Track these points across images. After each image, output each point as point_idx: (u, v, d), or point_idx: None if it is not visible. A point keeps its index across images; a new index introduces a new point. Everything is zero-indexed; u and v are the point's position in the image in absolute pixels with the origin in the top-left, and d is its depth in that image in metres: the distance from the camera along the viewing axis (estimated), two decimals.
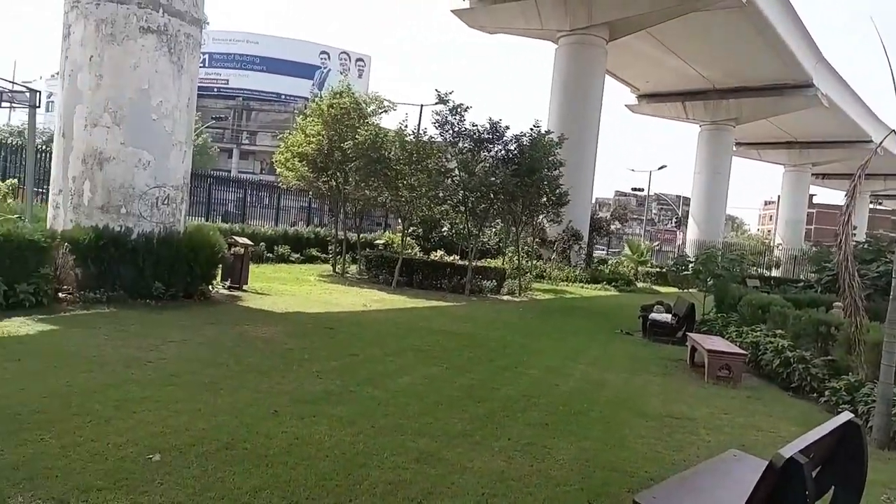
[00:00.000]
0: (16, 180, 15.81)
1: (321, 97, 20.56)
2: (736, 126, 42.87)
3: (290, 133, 20.39)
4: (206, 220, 21.63)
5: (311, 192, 21.13)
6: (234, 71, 62.87)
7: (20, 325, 7.55)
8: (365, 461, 4.43)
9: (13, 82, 12.58)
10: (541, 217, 22.29)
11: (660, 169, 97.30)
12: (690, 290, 15.46)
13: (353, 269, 19.81)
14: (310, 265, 20.74)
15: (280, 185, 21.95)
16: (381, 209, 22.66)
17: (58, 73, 10.98)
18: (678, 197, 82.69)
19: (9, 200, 13.71)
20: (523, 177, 17.16)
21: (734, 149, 47.01)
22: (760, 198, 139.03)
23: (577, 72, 30.15)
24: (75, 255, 9.58)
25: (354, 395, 6.09)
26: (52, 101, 22.71)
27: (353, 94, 19.80)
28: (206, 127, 51.93)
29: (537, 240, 26.91)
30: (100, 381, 5.66)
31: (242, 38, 63.29)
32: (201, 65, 15.71)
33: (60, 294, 9.41)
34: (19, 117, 35.17)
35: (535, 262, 25.95)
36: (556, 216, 21.10)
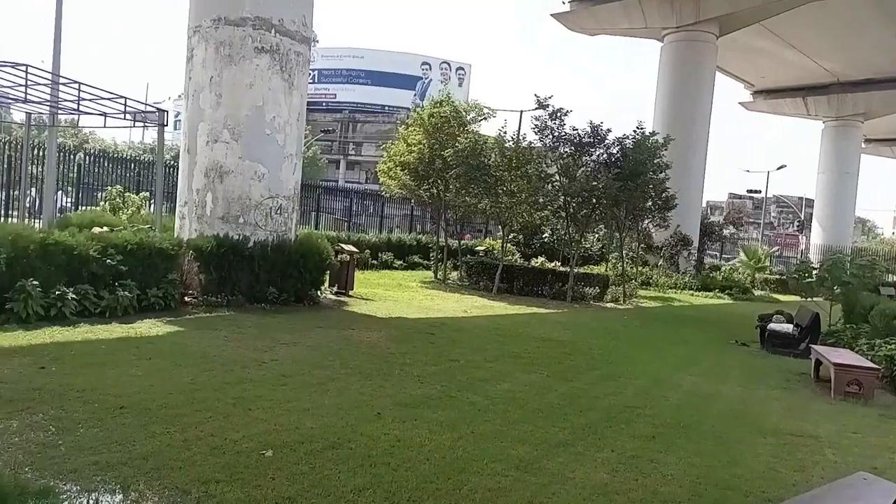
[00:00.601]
0: (147, 193, 17.28)
1: (422, 107, 20.97)
2: (864, 121, 39.45)
3: (392, 143, 20.94)
4: (315, 229, 22.63)
5: (413, 200, 21.53)
6: (341, 85, 65.56)
7: (150, 326, 8.23)
8: (465, 466, 4.45)
9: (145, 103, 13.77)
10: (646, 222, 21.52)
11: (778, 169, 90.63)
12: (815, 299, 14.34)
13: (454, 275, 19.99)
14: (412, 272, 21.17)
15: (383, 193, 22.55)
16: (481, 216, 22.73)
17: (183, 94, 11.91)
18: (800, 199, 76.97)
19: (142, 212, 15.00)
20: (626, 180, 16.64)
21: (863, 146, 43.28)
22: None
23: (685, 70, 28.91)
24: (199, 261, 10.31)
25: (455, 400, 6.13)
26: (179, 120, 24.66)
27: (452, 102, 20.04)
28: (316, 140, 54.41)
29: (643, 245, 25.97)
30: (220, 379, 6.05)
31: (348, 53, 65.94)
32: (310, 81, 16.49)
33: (186, 298, 10.16)
34: (151, 135, 38.43)
35: (640, 268, 25.06)
36: (663, 220, 20.29)
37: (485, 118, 21.29)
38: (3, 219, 15.39)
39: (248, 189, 11.01)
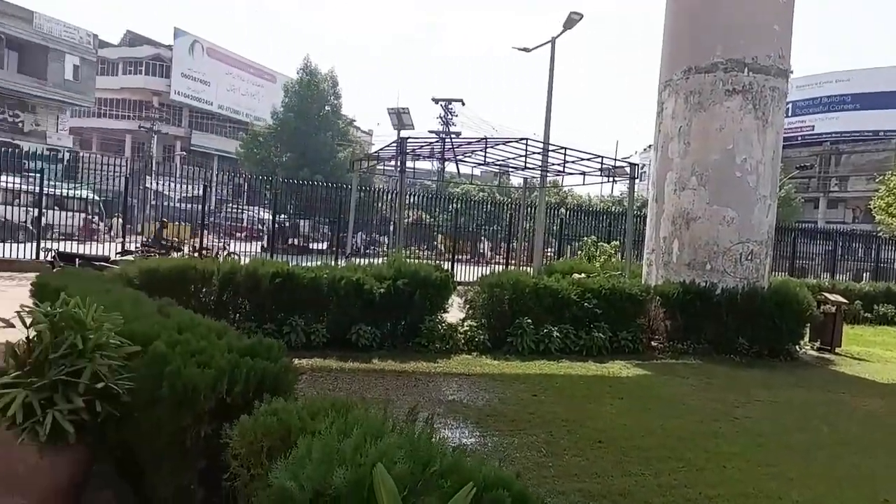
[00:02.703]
0: (617, 242, 18.51)
1: None
2: None
3: (893, 173, 17.46)
4: (790, 276, 20.42)
5: None
6: (821, 115, 58.35)
7: (621, 368, 8.67)
8: None
9: (615, 159, 14.90)
10: None
11: None
12: None
13: None
14: None
15: (879, 234, 18.90)
16: None
17: (650, 146, 12.44)
18: None
19: (612, 259, 16.14)
20: None
21: None
22: None
23: None
24: (665, 307, 10.45)
25: None
26: (645, 171, 25.82)
27: None
28: (790, 178, 49.60)
29: None
30: (689, 428, 5.93)
31: (830, 78, 58.39)
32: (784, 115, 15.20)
33: (652, 342, 10.39)
34: (619, 188, 41.20)
35: None
36: None
37: None
38: (507, 266, 18.62)
39: (715, 234, 10.70)
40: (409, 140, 12.48)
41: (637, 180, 14.09)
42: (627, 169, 13.86)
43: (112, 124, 49.06)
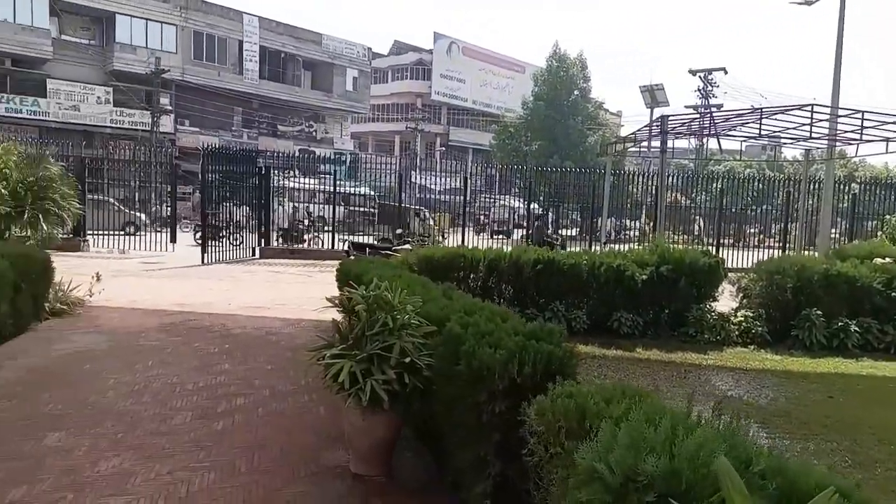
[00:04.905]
0: None
1: None
2: None
3: None
4: None
5: None
6: None
7: None
8: None
9: None
10: None
11: None
12: None
13: None
14: None
15: None
16: None
17: None
18: None
19: None
20: None
21: None
22: None
23: None
24: None
25: None
26: None
27: None
28: None
29: None
30: None
31: None
32: None
33: None
34: None
35: None
36: None
37: None
38: (785, 251, 16.65)
39: None
40: (669, 118, 11.79)
41: None
42: None
43: (383, 127, 54.83)
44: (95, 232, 17.45)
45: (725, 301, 8.94)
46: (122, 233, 18.82)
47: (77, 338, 6.88)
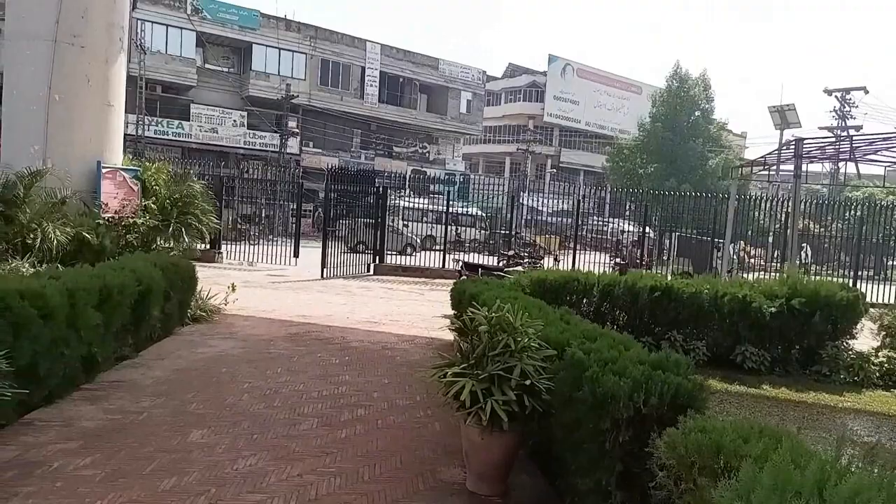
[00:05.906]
0: None
1: None
2: None
3: None
4: None
5: None
6: None
7: None
8: None
9: None
10: None
11: None
12: None
13: None
14: None
15: None
16: None
17: None
18: None
19: None
20: None
21: None
22: None
23: None
24: None
25: None
26: None
27: None
28: None
29: None
30: None
31: None
32: None
33: None
34: None
35: None
36: None
37: None
38: None
39: None
40: (804, 141, 11.06)
41: None
42: None
43: (494, 148, 55.28)
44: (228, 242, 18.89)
45: (865, 339, 8.24)
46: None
47: (215, 342, 7.47)
